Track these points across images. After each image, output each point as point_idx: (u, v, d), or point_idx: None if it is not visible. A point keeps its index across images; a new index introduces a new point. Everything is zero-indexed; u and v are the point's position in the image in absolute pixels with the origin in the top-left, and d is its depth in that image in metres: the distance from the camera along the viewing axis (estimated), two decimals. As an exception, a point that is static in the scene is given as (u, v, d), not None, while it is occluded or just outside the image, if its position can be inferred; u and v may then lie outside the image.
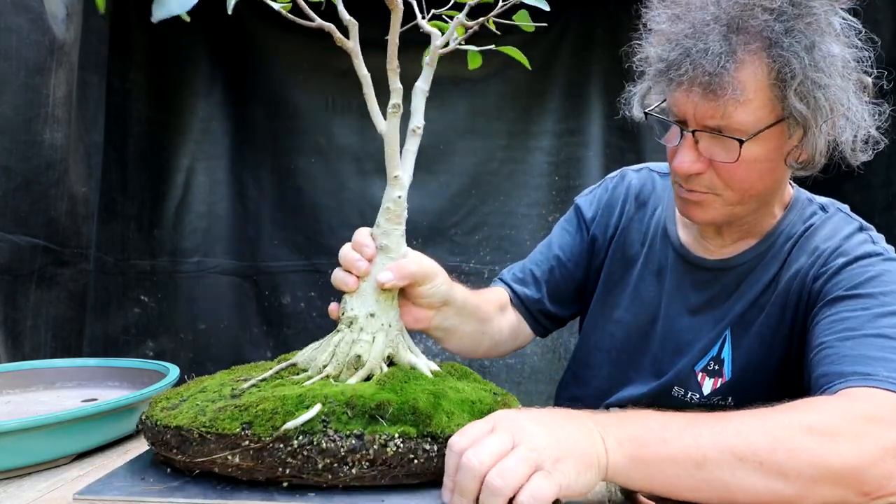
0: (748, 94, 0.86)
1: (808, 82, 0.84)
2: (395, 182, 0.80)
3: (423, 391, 0.73)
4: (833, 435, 0.67)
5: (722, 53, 0.85)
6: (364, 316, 0.80)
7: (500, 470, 0.60)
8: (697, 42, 0.86)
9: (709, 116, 0.89)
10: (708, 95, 0.87)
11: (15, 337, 1.64)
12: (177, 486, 0.67)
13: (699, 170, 0.93)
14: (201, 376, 0.86)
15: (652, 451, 0.65)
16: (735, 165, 0.90)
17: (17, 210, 1.60)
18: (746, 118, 0.88)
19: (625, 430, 0.66)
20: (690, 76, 0.87)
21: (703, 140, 0.92)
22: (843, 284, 0.90)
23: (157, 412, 0.74)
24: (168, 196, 2.42)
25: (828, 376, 0.79)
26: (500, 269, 2.48)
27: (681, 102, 0.92)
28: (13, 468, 0.77)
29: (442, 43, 0.82)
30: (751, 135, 0.88)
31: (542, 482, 0.60)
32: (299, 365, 0.82)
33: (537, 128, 2.50)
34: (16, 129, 1.57)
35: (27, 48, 1.56)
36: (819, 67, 0.84)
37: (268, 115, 2.45)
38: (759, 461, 0.65)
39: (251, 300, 2.49)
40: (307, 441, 0.65)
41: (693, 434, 0.66)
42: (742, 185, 0.93)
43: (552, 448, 0.62)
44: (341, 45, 0.77)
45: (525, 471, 0.60)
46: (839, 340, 0.82)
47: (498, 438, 0.62)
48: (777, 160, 0.92)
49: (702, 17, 0.87)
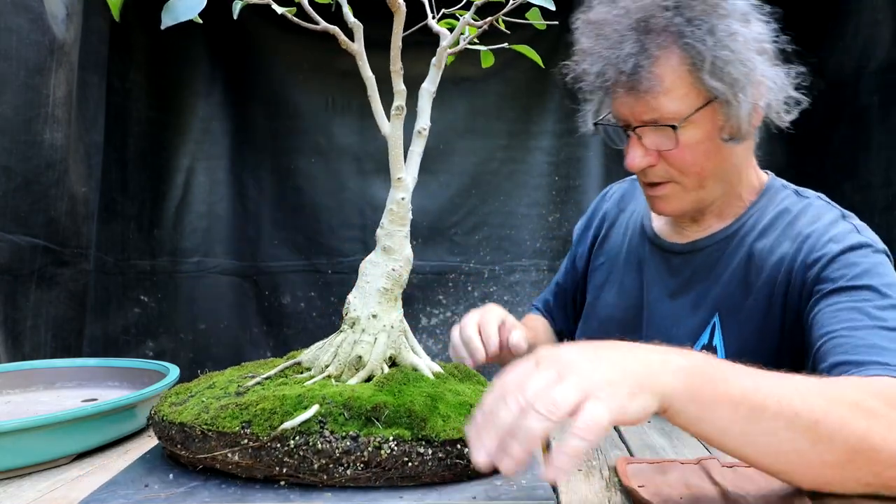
0: (668, 84, 0.96)
1: (718, 61, 0.94)
2: (399, 184, 0.81)
3: (421, 394, 0.73)
4: (878, 416, 0.66)
5: (636, 54, 0.95)
6: (366, 317, 0.80)
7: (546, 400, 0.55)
8: (615, 50, 0.97)
9: (642, 112, 0.98)
10: (632, 93, 0.97)
11: (15, 337, 1.64)
12: (182, 492, 0.67)
13: (649, 163, 1.01)
14: (213, 372, 0.86)
15: (712, 388, 0.62)
16: (679, 151, 0.99)
17: (17, 210, 1.60)
18: (674, 106, 0.97)
19: (688, 359, 0.63)
20: (614, 80, 0.98)
21: (645, 135, 1.00)
22: (839, 275, 0.91)
23: (165, 408, 0.75)
24: (168, 196, 2.42)
25: (845, 364, 0.80)
26: (500, 269, 2.51)
27: (619, 107, 1.02)
28: (13, 468, 0.77)
29: (450, 43, 0.82)
30: (682, 119, 0.97)
31: (596, 406, 0.56)
32: (304, 364, 0.82)
33: (537, 128, 2.50)
34: (16, 129, 1.57)
35: (27, 48, 1.56)
36: (724, 45, 0.93)
37: (268, 115, 2.45)
38: (815, 420, 0.63)
39: (251, 300, 2.49)
40: (303, 441, 0.66)
41: (755, 380, 0.64)
42: (693, 168, 1.01)
43: (601, 373, 0.58)
44: (346, 47, 0.77)
45: (575, 397, 0.56)
46: (848, 330, 0.83)
47: (542, 374, 0.58)
48: (717, 139, 0.99)
49: (616, 29, 0.98)
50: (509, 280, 2.50)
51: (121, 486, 0.68)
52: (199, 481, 0.69)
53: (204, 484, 0.69)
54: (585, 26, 1.03)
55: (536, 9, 0.85)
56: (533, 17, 0.86)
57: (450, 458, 0.69)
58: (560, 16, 0.85)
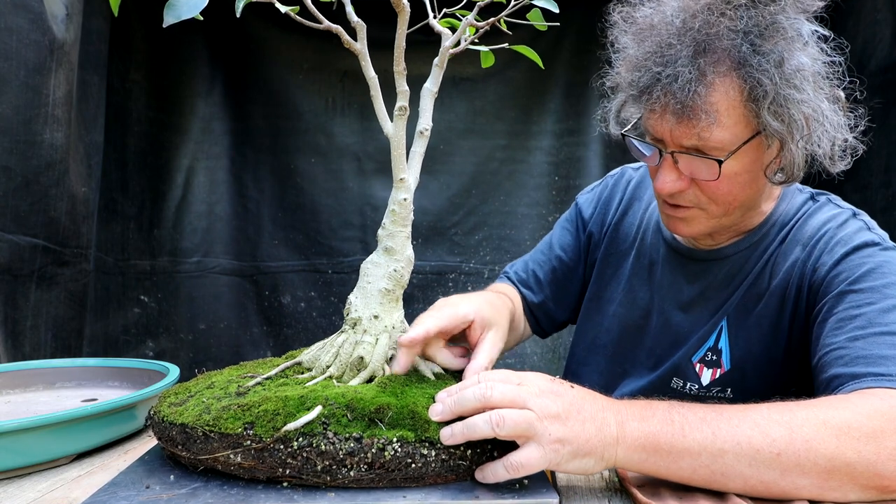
0: (722, 116, 0.86)
1: (780, 99, 0.84)
2: (401, 184, 0.80)
3: (423, 395, 0.73)
4: (850, 430, 0.68)
5: (692, 80, 0.85)
6: (368, 318, 0.80)
7: (503, 413, 0.66)
8: (666, 68, 0.86)
9: (685, 138, 0.89)
10: (683, 121, 0.87)
11: (15, 337, 1.64)
12: (184, 493, 0.66)
13: (681, 188, 0.94)
14: (211, 371, 0.86)
15: (668, 448, 0.68)
16: (716, 182, 0.91)
17: (17, 210, 1.60)
18: (722, 137, 0.87)
19: (646, 425, 0.69)
20: (663, 103, 0.87)
21: (682, 160, 0.92)
22: (844, 277, 0.90)
23: (164, 408, 0.75)
24: (168, 196, 2.42)
25: (841, 377, 0.80)
26: (500, 269, 2.50)
27: (656, 126, 0.92)
28: (13, 468, 0.77)
29: (452, 43, 0.82)
30: (729, 153, 0.88)
31: (532, 453, 0.66)
32: (304, 364, 0.82)
33: (537, 128, 2.50)
34: (16, 129, 1.57)
35: (27, 48, 1.56)
36: (790, 83, 0.84)
37: (268, 115, 2.45)
38: (777, 452, 0.67)
39: (251, 300, 2.49)
40: (307, 443, 0.66)
41: (713, 428, 0.68)
42: (726, 199, 0.94)
43: (558, 427, 0.67)
44: (349, 46, 0.77)
45: (522, 429, 0.66)
46: (849, 341, 0.82)
47: (517, 391, 0.68)
48: (758, 171, 0.92)
49: (666, 39, 0.87)
50: (509, 280, 2.50)
51: (122, 488, 0.68)
52: (200, 482, 0.69)
53: (205, 485, 0.68)
54: (629, 27, 0.93)
55: (538, 10, 0.85)
56: (534, 18, 0.86)
57: (452, 459, 0.69)
58: (562, 16, 0.85)
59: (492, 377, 0.71)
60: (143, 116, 2.33)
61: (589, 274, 1.23)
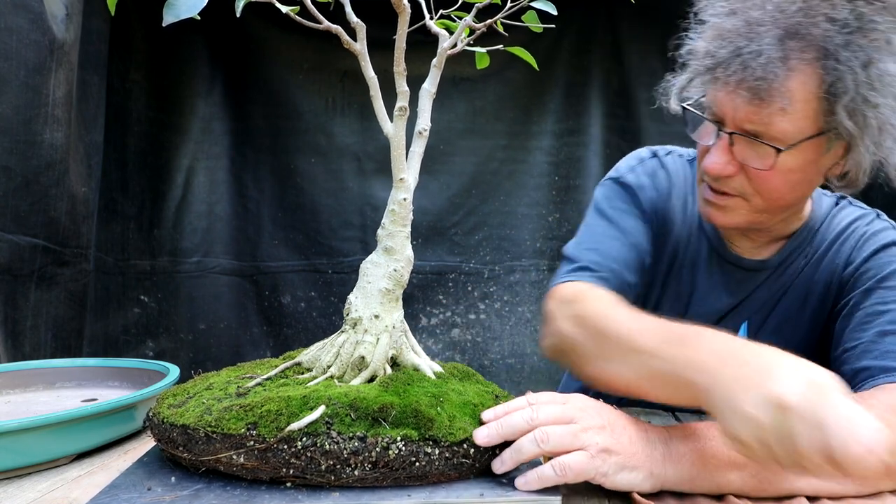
0: (795, 104, 0.82)
1: (859, 99, 0.81)
2: (401, 184, 0.81)
3: (426, 394, 0.73)
4: None
5: (775, 58, 0.81)
6: (368, 317, 0.80)
7: (547, 430, 0.67)
8: (751, 43, 0.82)
9: (749, 120, 0.85)
10: (753, 101, 0.83)
11: (15, 337, 1.64)
12: (186, 495, 0.66)
13: (730, 172, 0.90)
14: (208, 372, 0.86)
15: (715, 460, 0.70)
16: (768, 173, 0.87)
17: (17, 210, 1.60)
18: (788, 127, 0.84)
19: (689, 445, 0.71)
20: (739, 77, 0.83)
21: (738, 143, 0.88)
22: (872, 274, 0.91)
23: (163, 409, 0.74)
24: (168, 196, 2.42)
25: (871, 370, 0.81)
26: (500, 269, 2.51)
27: (722, 102, 0.88)
28: (13, 468, 0.77)
29: (450, 44, 0.82)
30: (790, 145, 0.84)
31: (581, 457, 0.67)
32: (304, 364, 0.82)
33: (537, 128, 2.50)
34: (16, 129, 1.57)
35: (27, 48, 1.56)
36: (873, 85, 0.81)
37: (268, 115, 2.45)
38: None
39: (251, 300, 2.49)
40: (311, 443, 0.66)
41: None
42: (772, 195, 0.90)
43: (605, 437, 0.68)
44: (348, 47, 0.77)
45: (568, 442, 0.67)
46: (878, 336, 0.83)
47: (563, 409, 0.70)
48: (810, 173, 0.89)
49: (759, 16, 0.83)
50: (509, 280, 2.50)
51: (123, 490, 0.68)
52: (202, 483, 0.69)
53: (208, 486, 0.68)
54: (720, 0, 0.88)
55: (533, 12, 0.85)
56: (530, 20, 0.86)
57: (456, 457, 0.69)
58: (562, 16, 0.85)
59: (538, 399, 0.72)
60: (143, 116, 2.33)
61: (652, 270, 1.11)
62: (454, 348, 2.50)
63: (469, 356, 2.49)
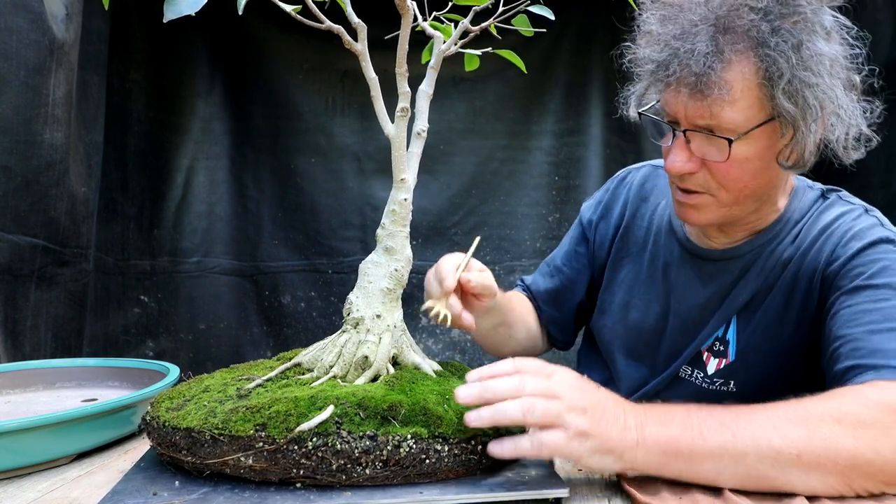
0: (735, 94, 0.86)
1: (795, 81, 0.84)
2: (402, 185, 0.81)
3: (432, 392, 0.74)
4: (866, 426, 0.69)
5: (708, 53, 0.85)
6: (370, 317, 0.80)
7: (534, 401, 0.68)
8: (685, 43, 0.87)
9: (698, 116, 0.89)
10: (696, 95, 0.87)
11: (15, 337, 1.64)
12: (194, 499, 0.66)
13: (691, 169, 0.93)
14: (200, 374, 0.86)
15: (689, 448, 0.69)
16: (727, 165, 0.90)
17: (17, 210, 1.60)
18: (735, 117, 0.88)
19: (665, 430, 0.70)
20: (678, 76, 0.88)
21: (694, 140, 0.92)
22: (859, 272, 0.90)
23: (162, 413, 0.74)
24: (168, 196, 2.42)
25: (858, 368, 0.81)
26: (500, 269, 2.51)
27: (671, 103, 0.92)
28: (13, 468, 0.77)
29: (447, 47, 0.82)
30: (740, 134, 0.88)
31: (559, 436, 0.68)
32: (304, 365, 0.82)
33: (537, 128, 2.49)
34: (16, 129, 1.57)
35: (27, 48, 1.56)
36: (807, 66, 0.85)
37: (268, 115, 2.45)
38: (797, 453, 0.68)
39: (251, 300, 2.49)
40: (321, 442, 0.66)
41: (732, 430, 0.70)
42: (736, 185, 0.93)
43: (584, 420, 0.69)
44: (349, 47, 0.77)
45: (552, 417, 0.68)
46: (866, 334, 0.83)
47: (548, 383, 0.70)
48: (769, 159, 0.92)
49: (690, 18, 0.88)
50: (509, 280, 2.50)
51: (126, 496, 0.67)
52: (208, 487, 0.68)
53: (215, 489, 0.68)
54: (657, 9, 0.94)
55: (524, 15, 0.85)
56: (520, 24, 0.86)
57: (465, 454, 0.70)
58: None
59: (526, 368, 0.72)
60: (143, 116, 2.33)
61: (598, 278, 1.22)
62: (454, 348, 2.50)
63: (469, 356, 2.49)
